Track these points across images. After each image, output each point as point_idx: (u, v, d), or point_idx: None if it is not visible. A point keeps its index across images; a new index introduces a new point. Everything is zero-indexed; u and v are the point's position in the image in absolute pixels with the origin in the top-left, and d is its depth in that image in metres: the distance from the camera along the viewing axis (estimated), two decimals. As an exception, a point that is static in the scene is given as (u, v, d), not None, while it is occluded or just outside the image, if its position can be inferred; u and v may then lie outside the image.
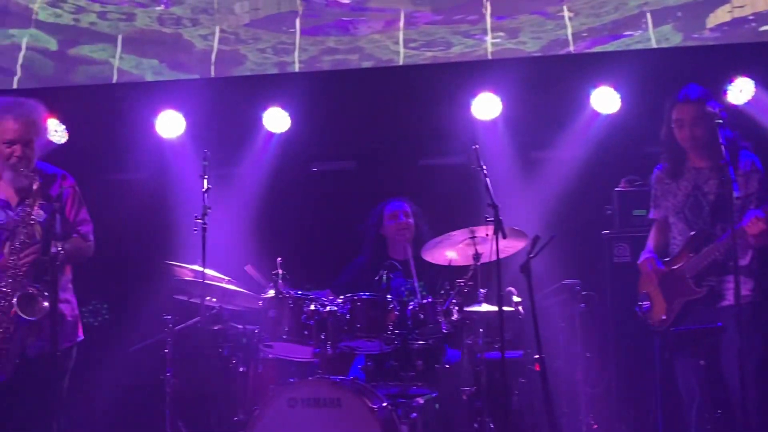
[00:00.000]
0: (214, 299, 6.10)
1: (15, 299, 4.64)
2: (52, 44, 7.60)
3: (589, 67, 7.06)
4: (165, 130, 7.52)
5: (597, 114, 7.10)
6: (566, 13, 7.07)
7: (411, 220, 6.45)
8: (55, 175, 5.03)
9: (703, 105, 5.15)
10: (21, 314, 4.61)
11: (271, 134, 7.52)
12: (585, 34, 7.04)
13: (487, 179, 5.37)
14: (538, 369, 5.43)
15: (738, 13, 6.89)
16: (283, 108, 7.46)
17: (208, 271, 5.69)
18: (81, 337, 5.07)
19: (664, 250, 5.41)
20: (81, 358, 5.08)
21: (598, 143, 7.09)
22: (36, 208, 4.76)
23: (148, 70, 7.54)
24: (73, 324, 5.00)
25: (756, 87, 6.80)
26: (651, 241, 5.49)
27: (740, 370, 4.73)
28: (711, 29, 6.89)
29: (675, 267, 5.25)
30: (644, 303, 5.34)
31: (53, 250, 4.47)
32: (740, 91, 6.88)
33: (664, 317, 5.25)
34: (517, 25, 7.12)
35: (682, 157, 5.33)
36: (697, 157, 5.29)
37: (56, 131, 7.41)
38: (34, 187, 4.76)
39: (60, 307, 4.76)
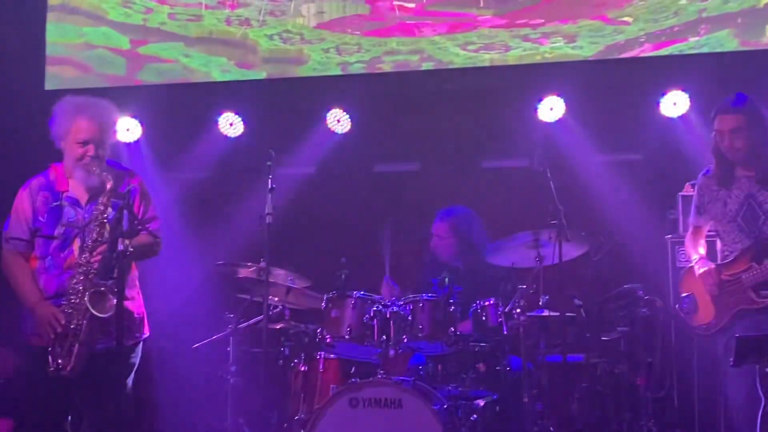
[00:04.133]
0: (277, 298, 6.15)
1: (87, 297, 4.62)
2: (125, 43, 7.71)
3: (654, 71, 6.99)
4: (226, 129, 7.64)
5: (662, 117, 7.04)
6: (626, 18, 7.02)
7: (446, 241, 6.39)
8: (123, 173, 4.98)
9: (745, 114, 5.00)
10: (92, 311, 4.59)
11: (333, 134, 7.56)
12: (642, 39, 6.98)
13: (551, 182, 5.35)
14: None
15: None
16: (345, 109, 7.50)
17: (271, 271, 5.71)
18: (147, 333, 5.04)
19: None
20: (145, 354, 5.09)
21: (663, 147, 7.03)
22: (108, 206, 4.74)
23: (216, 68, 7.62)
24: (138, 321, 4.96)
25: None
26: (703, 249, 5.28)
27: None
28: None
29: (730, 274, 5.07)
30: (686, 303, 5.24)
31: (120, 247, 4.42)
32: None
33: (710, 321, 5.14)
34: (575, 30, 7.08)
35: (730, 166, 5.12)
36: (742, 166, 5.10)
37: (128, 129, 7.52)
38: (108, 186, 4.72)
39: (125, 304, 4.66)
